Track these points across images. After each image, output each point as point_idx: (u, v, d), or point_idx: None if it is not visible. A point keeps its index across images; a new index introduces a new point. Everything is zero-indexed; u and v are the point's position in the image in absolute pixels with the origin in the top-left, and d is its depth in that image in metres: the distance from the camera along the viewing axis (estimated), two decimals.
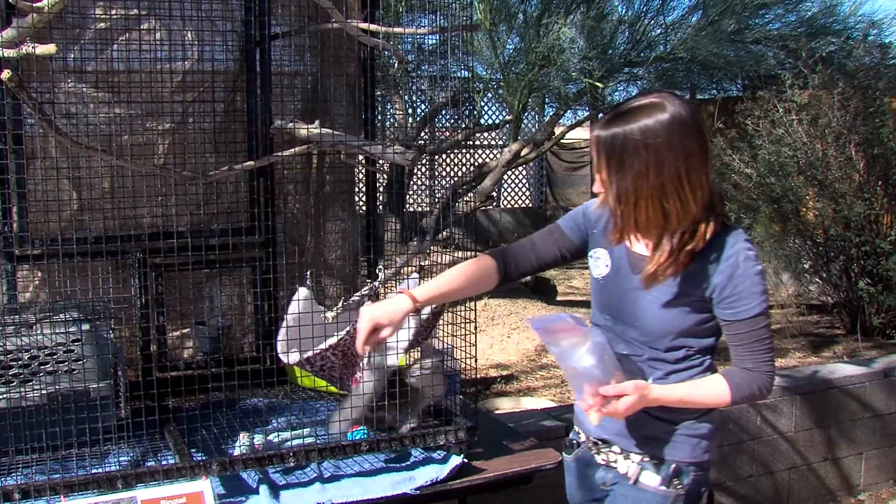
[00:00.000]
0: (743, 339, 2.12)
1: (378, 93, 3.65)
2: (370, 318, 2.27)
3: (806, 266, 7.42)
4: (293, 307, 2.79)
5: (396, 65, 4.12)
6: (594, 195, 2.27)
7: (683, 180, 2.00)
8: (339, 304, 2.64)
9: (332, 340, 2.62)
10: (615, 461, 2.35)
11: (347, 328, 2.59)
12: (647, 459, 2.29)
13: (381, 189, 4.24)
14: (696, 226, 2.07)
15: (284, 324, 2.78)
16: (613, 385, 2.09)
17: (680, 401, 2.17)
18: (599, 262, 2.32)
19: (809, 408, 4.97)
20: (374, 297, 2.88)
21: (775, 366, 2.16)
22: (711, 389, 2.16)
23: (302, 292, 2.80)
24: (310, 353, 2.64)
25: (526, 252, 2.43)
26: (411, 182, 4.73)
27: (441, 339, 2.93)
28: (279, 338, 2.80)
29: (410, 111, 6.97)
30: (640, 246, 2.23)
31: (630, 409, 2.10)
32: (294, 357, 2.69)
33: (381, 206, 4.72)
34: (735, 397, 2.15)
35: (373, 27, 2.85)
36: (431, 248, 3.04)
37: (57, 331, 2.69)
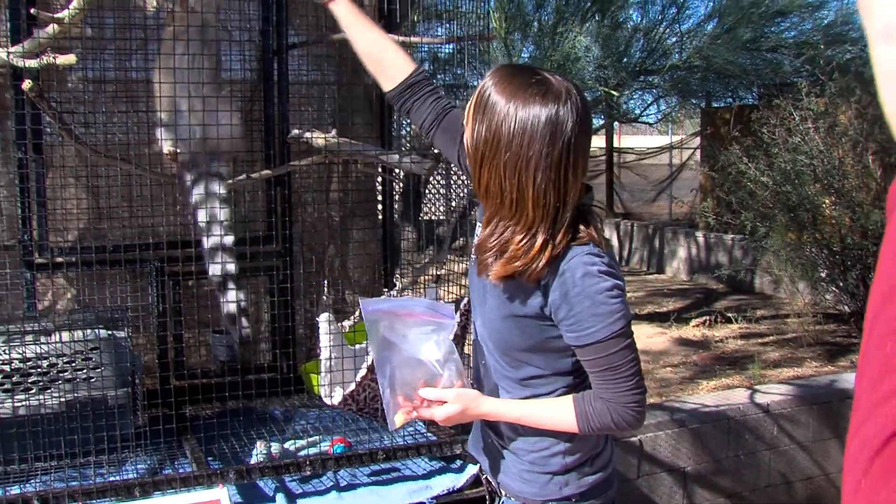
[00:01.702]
0: (593, 367, 1.84)
1: None
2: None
3: (822, 275, 7.40)
4: (323, 341, 2.73)
5: None
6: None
7: (525, 170, 1.76)
8: (356, 314, 2.64)
9: (367, 363, 2.60)
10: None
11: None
12: (505, 493, 2.10)
13: (397, 197, 4.26)
14: (533, 239, 1.80)
15: (323, 367, 2.73)
16: (434, 389, 1.94)
17: (518, 419, 1.95)
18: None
19: (826, 418, 4.94)
20: None
21: (642, 397, 1.84)
22: (555, 413, 1.91)
23: (323, 320, 2.76)
24: (352, 387, 2.60)
25: (428, 109, 2.20)
26: (427, 190, 4.73)
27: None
28: (322, 382, 2.74)
29: None
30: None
31: (451, 420, 1.95)
32: (338, 396, 2.65)
33: (397, 215, 4.73)
34: (582, 427, 1.87)
35: (390, 37, 2.85)
36: (447, 256, 3.04)
37: (75, 338, 2.71)
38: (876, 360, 0.66)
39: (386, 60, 2.24)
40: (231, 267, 2.89)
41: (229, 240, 2.90)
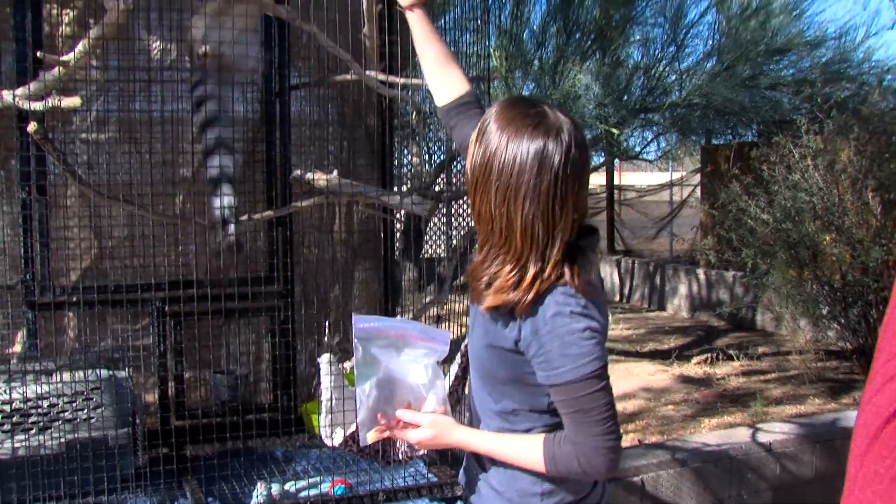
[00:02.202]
0: (563, 408, 1.81)
1: (395, 138, 3.69)
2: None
3: (824, 311, 7.39)
4: (324, 382, 2.74)
5: (414, 115, 4.15)
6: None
7: (514, 200, 1.77)
8: (354, 366, 2.64)
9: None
10: None
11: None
12: None
13: (398, 235, 4.27)
14: (523, 271, 1.80)
15: (324, 408, 2.73)
16: (410, 412, 1.95)
17: (487, 452, 1.94)
18: None
19: (829, 456, 4.92)
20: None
21: (613, 444, 1.79)
22: (524, 451, 1.88)
23: (324, 361, 2.76)
24: (353, 428, 2.60)
25: (469, 130, 2.09)
26: (428, 228, 4.74)
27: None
28: (323, 423, 2.74)
29: (427, 157, 7.04)
30: None
31: (423, 444, 1.96)
32: (339, 437, 2.65)
33: (398, 253, 4.74)
34: (549, 468, 1.84)
35: (391, 79, 2.88)
36: (448, 295, 3.05)
37: (76, 378, 2.71)
38: (893, 336, 0.70)
39: (445, 76, 2.28)
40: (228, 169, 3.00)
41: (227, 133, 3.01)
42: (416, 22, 2.31)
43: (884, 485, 0.67)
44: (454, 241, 4.97)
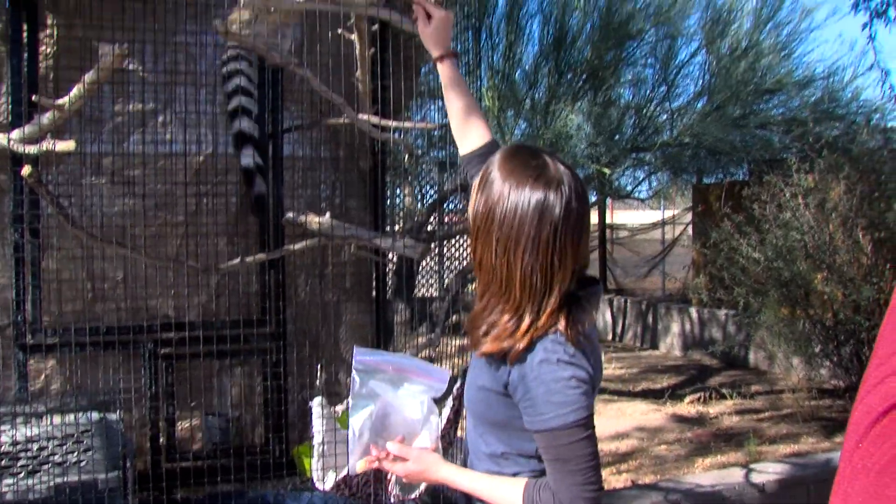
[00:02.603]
0: (545, 454, 1.80)
1: (388, 178, 3.71)
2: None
3: (816, 350, 7.39)
4: (316, 425, 2.73)
5: (406, 158, 4.18)
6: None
7: (514, 251, 1.78)
8: (349, 398, 2.63)
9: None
10: None
11: (350, 427, 2.58)
12: None
13: (390, 274, 4.27)
14: (519, 321, 1.81)
15: (316, 451, 2.72)
16: (399, 445, 1.96)
17: (471, 491, 1.93)
18: None
19: (823, 496, 4.90)
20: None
21: (593, 495, 1.76)
22: (505, 493, 1.87)
23: (316, 404, 2.75)
24: (345, 471, 2.59)
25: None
26: (420, 267, 4.75)
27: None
28: (314, 466, 2.73)
29: (419, 196, 7.07)
30: None
31: (410, 478, 1.97)
32: (330, 481, 2.63)
33: (390, 292, 4.73)
34: None
35: (384, 122, 2.91)
36: (440, 337, 3.05)
37: (67, 421, 2.70)
38: (889, 339, 0.71)
39: (470, 127, 2.32)
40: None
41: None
42: (446, 72, 2.36)
43: (870, 477, 0.68)
44: (446, 281, 4.97)
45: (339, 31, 3.03)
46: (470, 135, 2.32)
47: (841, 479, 0.73)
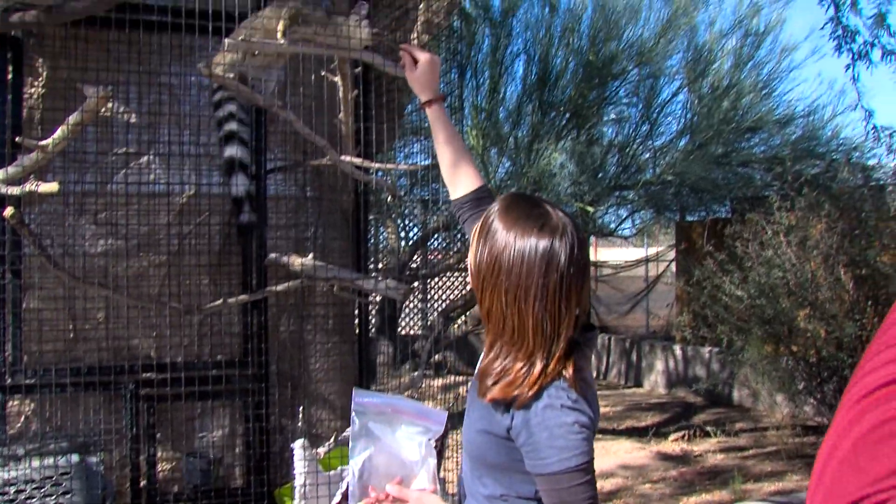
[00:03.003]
0: (545, 498, 1.82)
1: (371, 216, 3.72)
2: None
3: (800, 387, 7.41)
4: (298, 467, 2.73)
5: (389, 198, 4.19)
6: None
7: (525, 299, 1.82)
8: (332, 440, 2.63)
9: (342, 489, 2.60)
10: None
11: (350, 469, 2.58)
12: None
13: (373, 312, 4.27)
14: (531, 367, 1.84)
15: (298, 493, 2.72)
16: (399, 487, 1.97)
17: None
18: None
19: None
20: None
21: None
22: None
23: (298, 446, 2.75)
24: None
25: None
26: (404, 304, 4.76)
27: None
28: None
29: (403, 234, 7.08)
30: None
31: None
32: None
33: (373, 330, 4.73)
34: None
35: (366, 164, 2.92)
36: (425, 371, 3.05)
37: (45, 464, 2.67)
38: (887, 335, 0.73)
39: (459, 172, 2.34)
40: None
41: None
42: (434, 118, 2.37)
43: (847, 448, 0.71)
44: (430, 319, 4.97)
45: (323, 73, 3.05)
46: (461, 180, 2.33)
47: (820, 452, 0.75)
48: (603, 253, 17.73)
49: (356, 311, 3.59)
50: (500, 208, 1.89)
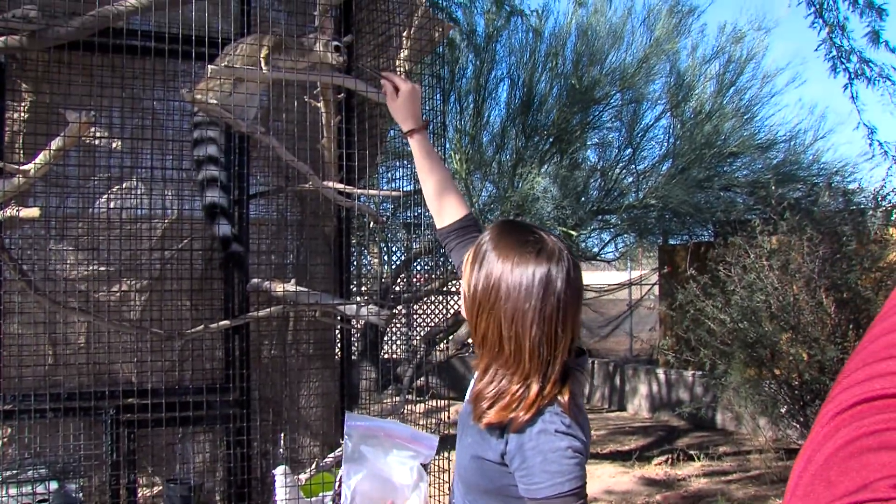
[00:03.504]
0: None
1: (354, 240, 3.72)
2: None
3: (783, 410, 7.42)
4: (279, 494, 2.72)
5: (372, 224, 4.19)
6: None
7: (521, 323, 1.84)
8: (313, 466, 2.62)
9: None
10: None
11: (331, 495, 2.58)
12: None
13: (356, 336, 4.26)
14: (527, 390, 1.86)
15: None
16: None
17: None
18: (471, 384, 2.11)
19: None
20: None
21: None
22: None
23: (279, 472, 2.74)
24: None
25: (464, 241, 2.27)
26: (387, 328, 4.75)
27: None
28: None
29: (386, 258, 7.08)
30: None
31: None
32: None
33: (356, 355, 4.72)
34: None
35: (348, 189, 2.93)
36: (407, 396, 3.04)
37: (24, 490, 2.65)
38: (864, 352, 0.75)
39: (445, 201, 2.35)
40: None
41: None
42: (417, 147, 2.38)
43: (818, 462, 0.72)
44: (413, 343, 4.95)
45: (306, 98, 3.06)
46: (446, 209, 2.35)
47: (795, 466, 0.77)
48: (586, 276, 17.79)
49: (338, 337, 3.59)
50: (494, 236, 1.92)
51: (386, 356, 5.93)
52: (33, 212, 2.52)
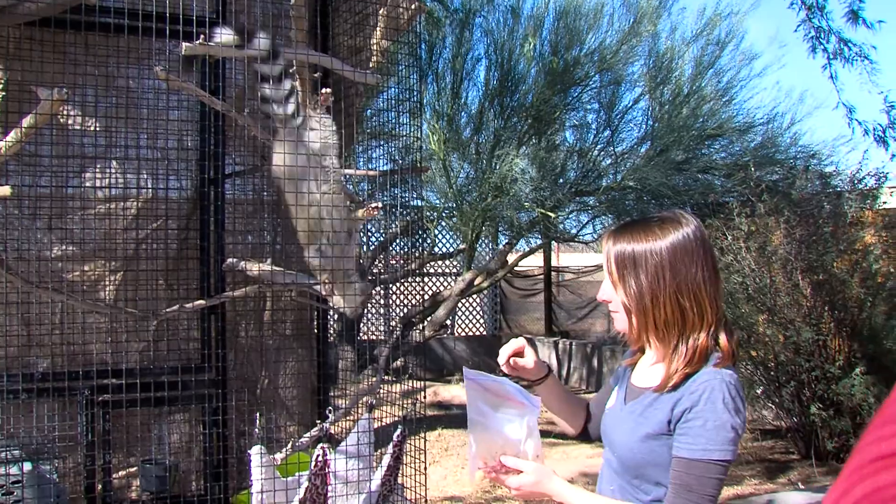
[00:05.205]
0: (673, 479, 1.90)
1: None
2: (519, 342, 2.27)
3: (759, 392, 7.48)
4: (255, 473, 2.71)
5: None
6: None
7: (697, 285, 1.96)
8: (290, 446, 2.62)
9: (300, 495, 2.60)
10: None
11: (307, 475, 2.58)
12: None
13: (333, 318, 4.25)
14: (715, 338, 1.98)
15: (255, 500, 2.71)
16: (514, 458, 2.05)
17: None
18: (612, 397, 2.24)
19: None
20: (327, 438, 2.83)
21: None
22: None
23: (255, 452, 2.73)
24: None
25: (594, 413, 2.39)
26: (366, 309, 4.73)
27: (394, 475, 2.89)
28: None
29: (364, 239, 7.06)
30: (640, 377, 2.14)
31: (523, 489, 2.03)
32: None
33: (333, 336, 4.71)
34: None
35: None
36: (384, 377, 3.04)
37: None
38: (889, 410, 0.77)
39: (575, 417, 2.41)
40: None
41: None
42: (552, 390, 2.38)
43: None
44: (391, 324, 4.95)
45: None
46: (579, 415, 2.41)
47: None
48: (564, 258, 17.80)
49: (314, 316, 3.57)
50: (624, 237, 2.04)
51: (364, 337, 5.92)
52: (5, 190, 2.49)
